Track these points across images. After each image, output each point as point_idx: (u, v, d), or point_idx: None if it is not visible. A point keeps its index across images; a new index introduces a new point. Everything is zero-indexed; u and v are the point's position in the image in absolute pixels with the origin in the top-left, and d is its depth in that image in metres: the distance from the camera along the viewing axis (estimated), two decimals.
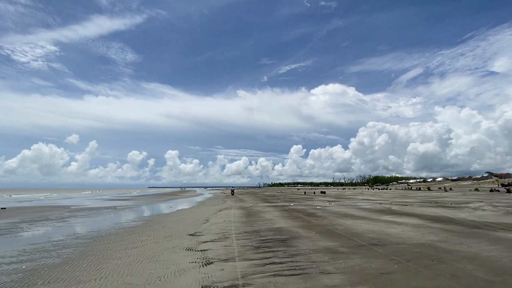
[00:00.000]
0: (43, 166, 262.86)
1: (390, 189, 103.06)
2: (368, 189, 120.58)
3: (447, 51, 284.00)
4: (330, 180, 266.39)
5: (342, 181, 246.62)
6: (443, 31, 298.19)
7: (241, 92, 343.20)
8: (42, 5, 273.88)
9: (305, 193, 56.54)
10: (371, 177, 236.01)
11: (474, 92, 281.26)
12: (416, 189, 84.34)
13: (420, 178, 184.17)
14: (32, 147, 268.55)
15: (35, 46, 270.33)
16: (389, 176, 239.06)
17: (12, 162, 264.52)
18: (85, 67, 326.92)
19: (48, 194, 69.24)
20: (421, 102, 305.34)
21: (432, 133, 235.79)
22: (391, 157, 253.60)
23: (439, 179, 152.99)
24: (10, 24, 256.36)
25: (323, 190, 70.79)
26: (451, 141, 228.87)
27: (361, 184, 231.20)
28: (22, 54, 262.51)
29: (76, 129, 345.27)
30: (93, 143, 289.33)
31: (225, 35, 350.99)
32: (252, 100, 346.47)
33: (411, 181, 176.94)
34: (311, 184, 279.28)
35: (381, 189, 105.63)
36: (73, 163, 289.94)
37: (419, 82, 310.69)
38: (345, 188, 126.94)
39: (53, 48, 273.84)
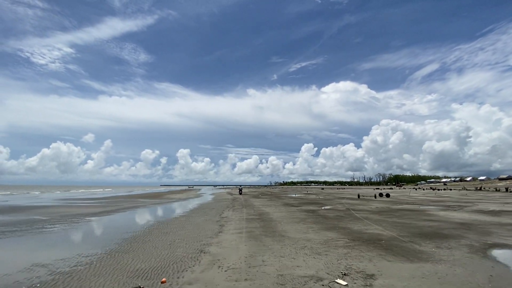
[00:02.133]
0: (61, 164, 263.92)
1: (427, 189, 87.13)
2: (399, 188, 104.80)
3: (465, 46, 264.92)
4: (343, 179, 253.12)
5: (361, 180, 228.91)
6: (460, 25, 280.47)
7: (251, 91, 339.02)
8: (59, 8, 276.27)
9: (358, 196, 35.67)
10: (391, 175, 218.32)
11: (494, 88, 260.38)
12: (477, 189, 69.05)
13: (454, 177, 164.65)
14: (51, 146, 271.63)
15: (52, 49, 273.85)
16: (411, 175, 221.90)
17: (33, 160, 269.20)
18: (99, 68, 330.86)
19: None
20: (437, 99, 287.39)
21: (449, 131, 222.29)
22: (405, 155, 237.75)
23: (482, 178, 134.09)
24: (29, 27, 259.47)
25: (387, 193, 45.38)
26: (470, 139, 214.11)
27: (379, 183, 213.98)
28: (41, 56, 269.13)
29: (92, 129, 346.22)
30: (108, 142, 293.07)
31: (234, 34, 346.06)
32: (262, 98, 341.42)
33: (444, 180, 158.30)
34: (325, 183, 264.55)
35: (418, 189, 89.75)
36: (89, 161, 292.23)
37: (435, 79, 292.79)
38: (378, 188, 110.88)
39: (69, 50, 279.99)
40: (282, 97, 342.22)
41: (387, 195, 36.31)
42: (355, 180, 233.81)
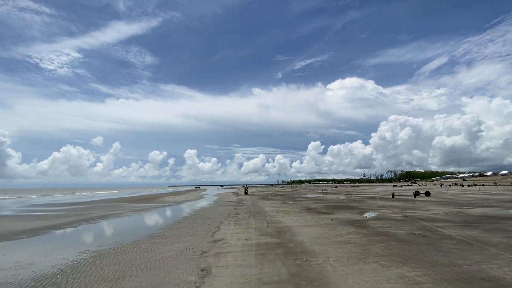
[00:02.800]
0: (71, 167, 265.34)
1: (447, 185, 78.87)
2: (412, 185, 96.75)
3: (474, 38, 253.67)
4: (351, 177, 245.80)
5: (372, 177, 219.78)
6: (468, 16, 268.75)
7: (256, 90, 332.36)
8: (66, 14, 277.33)
9: (393, 196, 27.26)
10: (403, 172, 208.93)
11: (505, 80, 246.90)
12: None
13: (472, 172, 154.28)
14: (61, 149, 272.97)
15: (60, 54, 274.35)
16: (423, 171, 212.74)
17: (44, 164, 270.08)
18: (106, 72, 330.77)
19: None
20: (446, 93, 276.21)
21: (460, 125, 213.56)
22: (415, 151, 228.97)
23: (504, 172, 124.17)
24: (37, 34, 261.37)
25: (427, 191, 34.84)
26: (481, 133, 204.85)
27: (391, 180, 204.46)
28: (49, 62, 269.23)
29: (100, 131, 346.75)
30: (116, 144, 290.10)
31: (238, 34, 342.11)
32: (267, 97, 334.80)
33: (461, 175, 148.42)
34: (334, 181, 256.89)
35: (441, 185, 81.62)
36: (98, 163, 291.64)
37: (444, 72, 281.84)
38: (396, 185, 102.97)
39: (77, 55, 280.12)
40: (287, 95, 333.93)
41: (427, 194, 29.34)
42: (365, 177, 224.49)
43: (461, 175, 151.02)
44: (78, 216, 16.17)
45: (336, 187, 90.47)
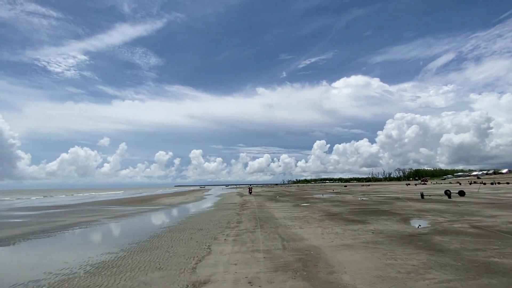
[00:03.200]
0: (79, 168, 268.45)
1: (473, 183, 73.70)
2: (425, 183, 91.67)
3: (482, 33, 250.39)
4: (357, 176, 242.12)
5: (380, 176, 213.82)
6: (476, 11, 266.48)
7: (260, 90, 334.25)
8: (72, 17, 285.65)
9: (422, 196, 23.33)
10: (411, 170, 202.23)
11: None
12: None
13: (487, 170, 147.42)
14: (69, 151, 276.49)
15: (67, 57, 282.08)
16: (432, 169, 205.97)
17: (53, 165, 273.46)
18: (112, 73, 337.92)
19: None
20: (454, 90, 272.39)
21: (468, 122, 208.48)
22: (422, 149, 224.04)
23: None
24: (45, 37, 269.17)
25: (460, 190, 27.43)
26: (491, 130, 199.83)
27: (399, 179, 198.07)
28: (57, 64, 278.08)
29: (107, 133, 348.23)
30: (122, 145, 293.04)
31: (241, 34, 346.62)
32: (271, 97, 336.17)
33: (475, 173, 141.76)
34: (340, 180, 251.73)
35: (459, 183, 76.52)
36: (105, 164, 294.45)
37: (451, 69, 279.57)
38: (409, 184, 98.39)
39: (83, 57, 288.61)
40: (291, 94, 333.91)
41: (461, 193, 25.14)
42: (373, 176, 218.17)
43: (474, 173, 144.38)
44: (41, 225, 12.71)
45: (345, 186, 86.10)
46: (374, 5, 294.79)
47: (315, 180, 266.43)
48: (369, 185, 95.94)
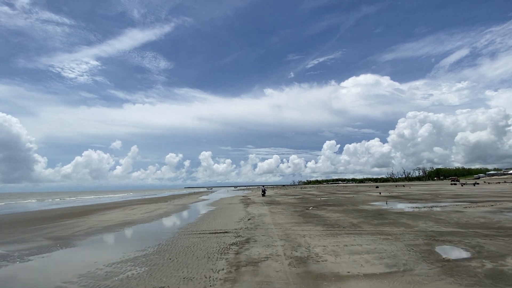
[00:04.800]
0: (92, 171, 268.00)
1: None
2: (456, 184, 75.08)
3: (497, 28, 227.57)
4: (369, 176, 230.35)
5: (399, 176, 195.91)
6: (490, 5, 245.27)
7: (268, 91, 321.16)
8: (84, 24, 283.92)
9: None
10: (432, 169, 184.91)
11: None
12: None
13: None
14: (83, 154, 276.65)
15: (80, 63, 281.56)
16: (455, 168, 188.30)
17: (68, 168, 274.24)
18: (123, 78, 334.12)
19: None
20: (468, 87, 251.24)
21: (485, 120, 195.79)
22: (436, 148, 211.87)
23: None
24: (59, 44, 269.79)
25: None
26: (509, 128, 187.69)
27: (420, 178, 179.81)
28: (70, 70, 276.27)
29: (119, 136, 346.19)
30: (134, 148, 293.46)
31: (249, 35, 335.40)
32: (279, 97, 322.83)
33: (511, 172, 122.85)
34: (354, 180, 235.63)
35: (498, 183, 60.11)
36: (117, 167, 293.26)
37: (465, 65, 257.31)
38: (455, 183, 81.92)
39: (95, 63, 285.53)
40: (300, 95, 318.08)
41: None
42: (391, 176, 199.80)
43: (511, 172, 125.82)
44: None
45: (377, 187, 70.68)
46: (384, 1, 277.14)
47: (327, 181, 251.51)
48: (403, 185, 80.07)
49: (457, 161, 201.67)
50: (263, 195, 39.00)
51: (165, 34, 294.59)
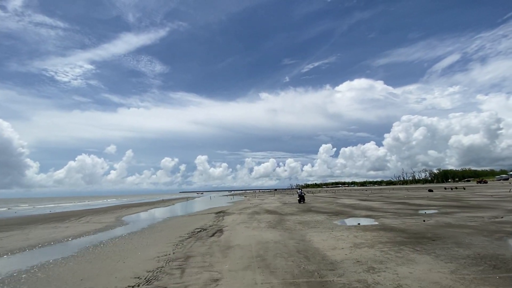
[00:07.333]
0: (86, 176, 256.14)
1: None
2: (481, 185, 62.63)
3: (486, 34, 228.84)
4: (365, 179, 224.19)
5: (405, 178, 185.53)
6: (479, 12, 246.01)
7: (263, 95, 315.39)
8: (79, 27, 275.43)
9: None
10: (440, 170, 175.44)
11: None
12: None
13: None
14: (76, 158, 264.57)
15: (74, 66, 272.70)
16: (461, 169, 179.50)
17: (60, 173, 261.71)
18: (117, 82, 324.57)
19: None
20: (460, 91, 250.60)
21: (477, 123, 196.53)
22: (430, 152, 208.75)
23: None
24: (52, 48, 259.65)
25: None
26: (501, 131, 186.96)
27: (426, 181, 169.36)
28: (64, 74, 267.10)
29: (113, 140, 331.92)
30: (129, 152, 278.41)
31: (244, 40, 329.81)
32: (275, 101, 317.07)
33: None
34: (354, 183, 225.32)
35: None
36: (112, 171, 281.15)
37: (457, 70, 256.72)
38: (478, 182, 69.17)
39: (90, 66, 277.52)
40: (295, 99, 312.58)
41: None
42: (399, 179, 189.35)
43: None
44: None
45: (431, 190, 58.10)
46: (377, 7, 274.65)
47: (326, 184, 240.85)
48: (455, 187, 61.13)
49: (451, 164, 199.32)
50: (302, 201, 27.54)
51: (160, 39, 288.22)
